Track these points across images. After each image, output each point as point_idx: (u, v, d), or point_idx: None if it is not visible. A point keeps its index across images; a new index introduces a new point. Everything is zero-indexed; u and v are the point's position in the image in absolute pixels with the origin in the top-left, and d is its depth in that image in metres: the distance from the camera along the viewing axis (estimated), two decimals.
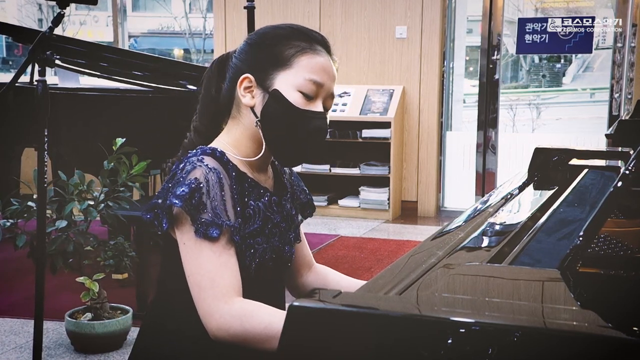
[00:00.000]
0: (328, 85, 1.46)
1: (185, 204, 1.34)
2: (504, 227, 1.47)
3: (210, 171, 1.38)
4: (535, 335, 0.84)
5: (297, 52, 1.44)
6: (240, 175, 1.45)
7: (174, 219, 1.38)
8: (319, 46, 1.47)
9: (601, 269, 1.29)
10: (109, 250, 3.42)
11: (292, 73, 1.43)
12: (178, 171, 1.39)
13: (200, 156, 1.40)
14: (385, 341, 0.88)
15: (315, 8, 6.54)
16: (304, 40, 1.46)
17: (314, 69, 1.44)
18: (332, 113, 5.93)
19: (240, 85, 1.46)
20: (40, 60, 2.76)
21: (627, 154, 1.97)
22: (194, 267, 1.36)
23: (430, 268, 1.12)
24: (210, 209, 1.36)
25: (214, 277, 1.34)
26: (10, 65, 12.33)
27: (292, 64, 1.43)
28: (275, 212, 1.50)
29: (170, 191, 1.37)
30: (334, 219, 6.28)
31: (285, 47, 1.44)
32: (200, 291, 1.34)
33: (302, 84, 1.43)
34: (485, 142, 6.44)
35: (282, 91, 1.43)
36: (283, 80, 1.43)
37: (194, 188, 1.35)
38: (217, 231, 1.35)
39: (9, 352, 3.36)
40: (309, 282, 1.67)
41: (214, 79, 1.53)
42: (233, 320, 1.30)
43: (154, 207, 1.40)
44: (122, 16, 7.67)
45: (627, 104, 6.01)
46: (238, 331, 1.30)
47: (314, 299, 0.95)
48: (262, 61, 1.45)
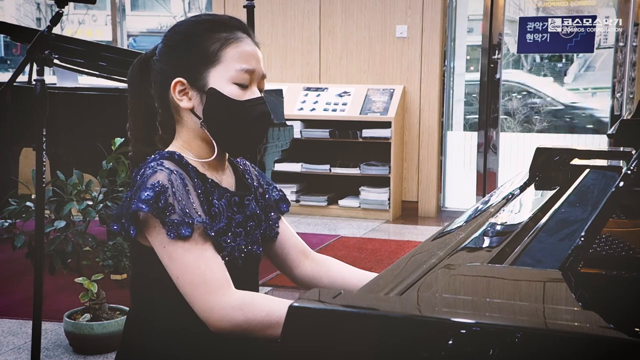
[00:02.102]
0: (258, 69, 1.47)
1: (152, 207, 1.34)
2: (505, 228, 1.46)
3: (172, 173, 1.38)
4: (537, 336, 0.84)
5: (222, 45, 1.44)
6: (201, 176, 1.46)
7: (141, 225, 1.38)
8: (239, 32, 1.47)
9: (603, 270, 1.28)
10: (108, 251, 3.42)
11: (222, 67, 1.44)
12: (138, 177, 1.39)
13: (159, 160, 1.41)
14: (386, 342, 0.87)
15: (315, 7, 6.53)
16: (224, 31, 1.45)
17: (242, 58, 1.45)
18: (332, 113, 5.91)
19: (174, 90, 1.45)
20: (39, 60, 2.75)
21: (629, 153, 1.97)
22: (181, 268, 1.36)
23: (431, 268, 1.12)
24: (179, 209, 1.36)
25: (205, 272, 1.35)
26: (9, 64, 12.32)
27: (220, 58, 1.44)
28: (236, 212, 1.50)
29: (133, 197, 1.37)
30: (334, 219, 6.27)
31: (209, 43, 1.44)
32: (194, 289, 1.34)
33: (234, 75, 1.44)
34: (487, 141, 6.44)
35: (217, 88, 1.44)
36: (216, 77, 1.44)
37: (158, 191, 1.35)
38: (189, 230, 1.35)
39: (7, 353, 3.35)
40: (310, 273, 1.65)
41: (137, 82, 1.53)
42: (234, 311, 1.32)
43: (120, 217, 1.40)
44: (121, 15, 7.67)
45: (629, 104, 6.00)
46: (240, 321, 1.32)
47: (314, 300, 0.94)
48: (189, 62, 1.45)
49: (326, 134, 6.29)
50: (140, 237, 1.41)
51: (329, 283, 1.63)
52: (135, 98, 1.52)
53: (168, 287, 1.41)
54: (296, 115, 6.33)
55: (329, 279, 1.64)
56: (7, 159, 4.92)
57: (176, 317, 1.43)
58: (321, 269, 1.65)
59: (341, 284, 1.61)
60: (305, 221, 6.15)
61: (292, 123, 6.03)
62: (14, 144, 4.88)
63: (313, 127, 6.36)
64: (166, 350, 1.45)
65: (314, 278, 1.65)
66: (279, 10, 6.62)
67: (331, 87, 6.50)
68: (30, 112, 2.89)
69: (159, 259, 1.39)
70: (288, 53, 6.63)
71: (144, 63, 1.51)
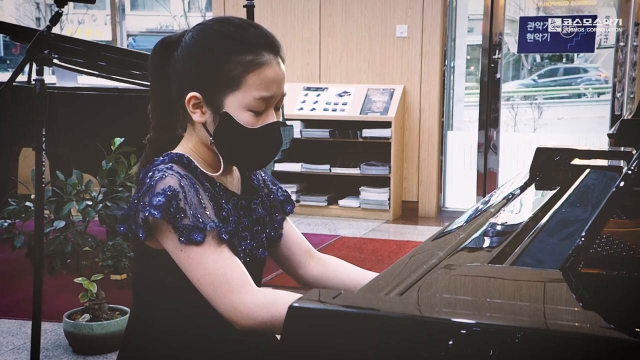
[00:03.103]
0: (278, 93, 1.43)
1: (164, 213, 1.33)
2: (506, 228, 1.46)
3: (183, 177, 1.37)
4: (537, 336, 0.84)
5: (244, 70, 1.39)
6: (210, 180, 1.45)
7: (152, 230, 1.37)
8: (266, 52, 1.41)
9: (603, 270, 1.28)
10: (108, 251, 3.41)
11: (241, 94, 1.39)
12: (147, 179, 1.37)
13: (169, 164, 1.39)
14: (386, 342, 0.87)
15: (315, 6, 6.53)
16: (250, 52, 1.40)
17: (263, 85, 1.40)
18: (332, 113, 5.91)
19: (189, 103, 1.42)
20: (38, 59, 2.75)
21: (630, 153, 1.97)
22: (201, 270, 1.35)
23: (431, 269, 1.12)
24: (191, 214, 1.35)
25: (225, 273, 1.34)
26: (8, 64, 12.33)
27: (241, 84, 1.39)
28: (243, 216, 1.49)
29: (142, 201, 1.36)
30: (334, 219, 6.27)
31: (231, 66, 1.39)
32: (217, 289, 1.34)
33: (251, 103, 1.40)
34: (487, 141, 6.43)
35: (232, 114, 1.40)
36: (232, 102, 1.40)
37: (170, 196, 1.34)
38: (201, 235, 1.34)
39: (7, 354, 3.34)
40: (317, 273, 1.65)
41: (157, 67, 1.48)
42: (259, 309, 1.31)
43: (127, 218, 1.39)
44: (120, 15, 7.67)
45: (630, 103, 6.00)
46: (265, 318, 1.31)
47: (314, 300, 0.94)
48: (208, 81, 1.41)
49: (326, 133, 6.29)
50: (149, 241, 1.40)
51: (337, 283, 1.63)
52: (157, 80, 1.49)
53: (170, 289, 1.41)
54: (296, 115, 6.33)
55: (337, 279, 1.63)
56: (6, 158, 4.92)
57: (177, 319, 1.42)
58: (327, 269, 1.65)
59: (349, 284, 1.61)
60: (305, 221, 6.14)
61: (292, 123, 6.03)
62: (14, 144, 4.88)
63: (313, 127, 6.36)
64: (167, 351, 1.44)
65: (321, 278, 1.65)
66: (279, 9, 6.62)
67: (331, 87, 6.49)
68: (30, 112, 2.89)
69: (167, 262, 1.38)
70: (288, 53, 6.50)
71: (166, 48, 1.47)
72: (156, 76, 1.49)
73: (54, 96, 4.33)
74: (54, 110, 4.02)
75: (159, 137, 1.51)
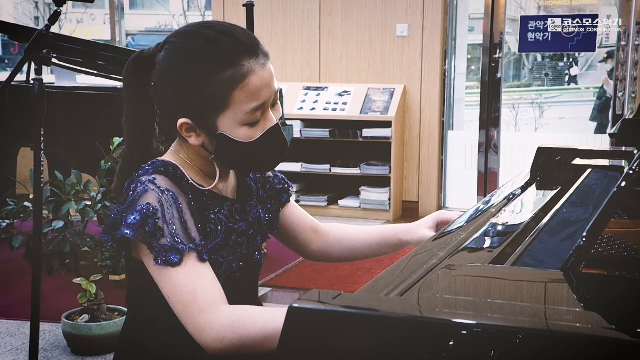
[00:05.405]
0: (269, 95, 1.36)
1: (137, 233, 1.29)
2: (507, 228, 1.45)
3: (164, 193, 1.32)
4: (538, 337, 0.83)
5: (229, 89, 1.32)
6: (197, 191, 1.39)
7: (130, 246, 1.35)
8: (245, 60, 1.33)
9: (605, 270, 1.27)
10: (107, 251, 3.41)
11: (231, 112, 1.33)
12: (130, 192, 1.33)
13: (152, 175, 1.34)
14: (386, 343, 0.87)
15: (315, 6, 6.52)
16: (228, 66, 1.31)
17: (252, 97, 1.33)
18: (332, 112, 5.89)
19: (181, 129, 1.37)
20: (37, 59, 2.74)
21: (631, 153, 1.96)
22: (171, 287, 1.31)
23: (432, 269, 1.11)
24: (168, 233, 1.30)
25: (195, 291, 1.29)
26: (7, 63, 12.33)
27: (228, 103, 1.33)
28: (239, 221, 1.46)
29: (122, 214, 1.32)
30: (334, 220, 6.26)
31: (214, 87, 1.32)
32: (184, 308, 1.29)
33: (245, 118, 1.34)
34: (488, 141, 6.43)
35: (228, 133, 1.35)
36: (225, 122, 1.34)
37: (145, 214, 1.29)
38: (178, 256, 1.30)
39: (5, 354, 3.34)
40: (322, 246, 1.70)
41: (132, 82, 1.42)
42: (224, 329, 1.25)
43: (110, 229, 1.35)
44: (119, 14, 7.67)
45: (631, 103, 5.99)
46: (233, 339, 1.25)
47: (313, 300, 0.94)
48: (194, 107, 1.35)
49: (326, 133, 6.28)
50: (133, 252, 1.38)
51: (340, 250, 1.70)
52: (132, 99, 1.44)
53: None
54: (296, 115, 6.33)
55: (338, 245, 1.70)
56: (5, 158, 4.91)
57: (173, 319, 1.41)
58: (329, 239, 1.70)
59: (348, 245, 1.69)
60: None
61: (292, 123, 6.03)
62: (12, 144, 4.87)
63: (313, 127, 6.35)
64: (164, 350, 1.44)
65: (325, 250, 1.70)
66: (279, 9, 6.61)
67: (331, 87, 6.49)
68: (29, 112, 2.88)
69: None
70: (288, 52, 6.62)
71: (140, 64, 1.41)
72: (131, 94, 1.43)
73: (53, 96, 4.32)
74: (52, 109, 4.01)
75: (131, 152, 1.47)
